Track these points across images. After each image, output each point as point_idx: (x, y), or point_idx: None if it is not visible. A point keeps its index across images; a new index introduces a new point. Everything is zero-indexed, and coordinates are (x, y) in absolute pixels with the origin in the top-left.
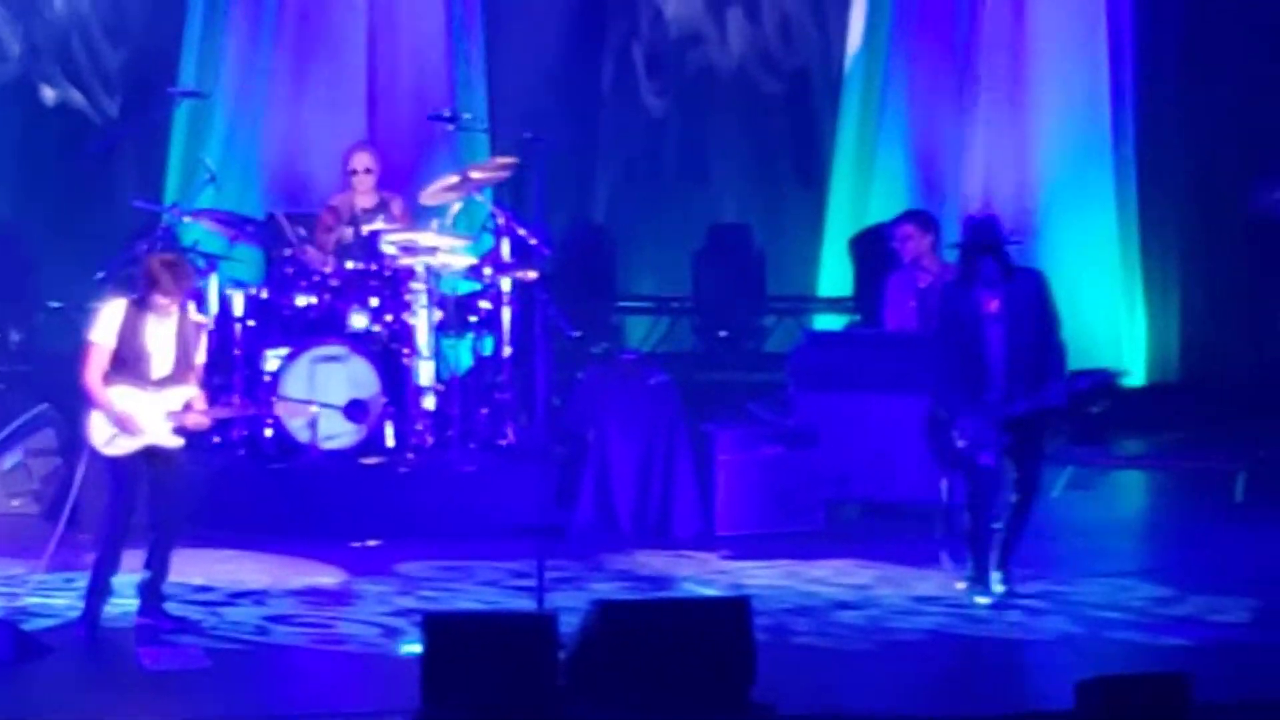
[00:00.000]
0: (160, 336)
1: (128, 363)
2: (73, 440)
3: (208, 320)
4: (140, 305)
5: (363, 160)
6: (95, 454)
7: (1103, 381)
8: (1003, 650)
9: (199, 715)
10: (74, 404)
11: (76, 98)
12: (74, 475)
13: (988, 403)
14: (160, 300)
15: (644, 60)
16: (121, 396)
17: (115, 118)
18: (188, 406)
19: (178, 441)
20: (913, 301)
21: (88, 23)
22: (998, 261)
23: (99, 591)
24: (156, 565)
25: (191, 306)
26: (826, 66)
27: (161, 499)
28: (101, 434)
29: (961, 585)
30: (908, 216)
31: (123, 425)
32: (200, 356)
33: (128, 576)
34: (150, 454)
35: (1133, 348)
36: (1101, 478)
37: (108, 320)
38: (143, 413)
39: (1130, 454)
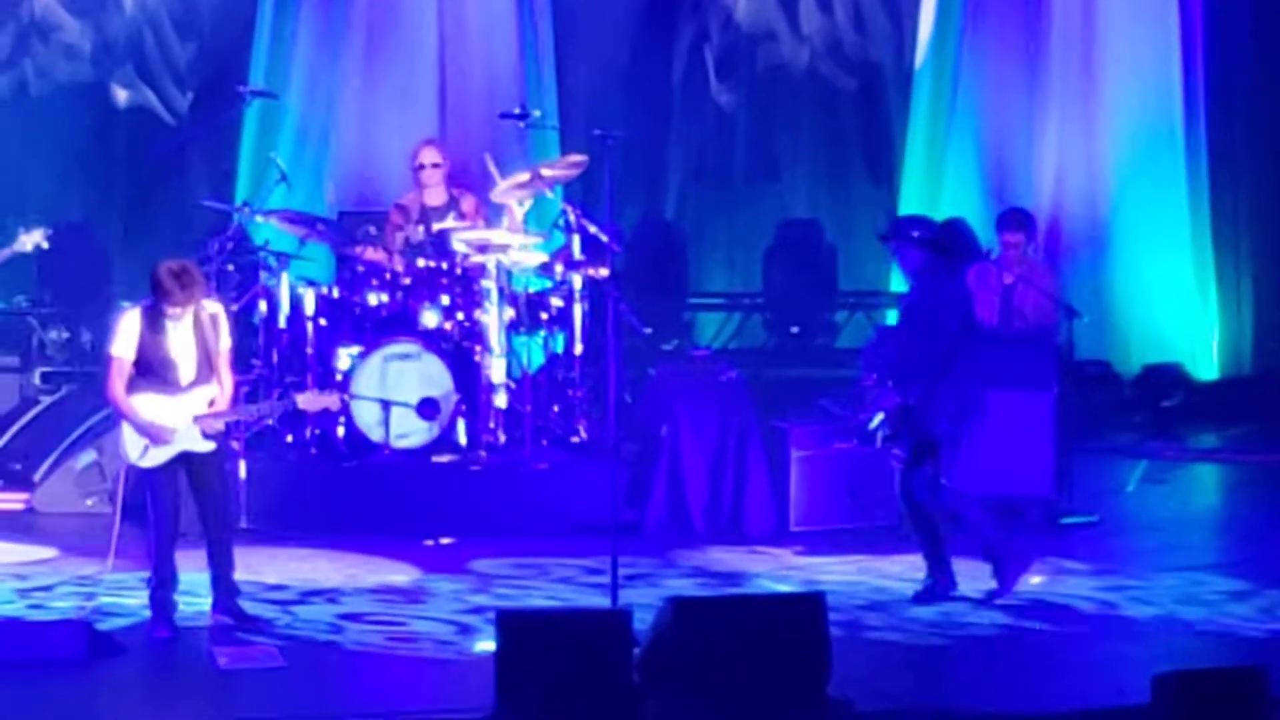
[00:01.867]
0: (180, 342)
1: (152, 371)
2: None
3: (221, 307)
4: (155, 313)
5: (429, 155)
6: (131, 469)
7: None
8: (1078, 645)
9: (273, 714)
10: None
11: (147, 98)
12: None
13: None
14: (172, 309)
15: (714, 56)
16: (147, 406)
17: (186, 117)
18: (210, 406)
19: (209, 445)
20: (995, 297)
21: (158, 21)
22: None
23: (162, 603)
24: (221, 565)
25: (205, 301)
26: (897, 61)
27: (206, 501)
28: (134, 448)
29: (1037, 580)
30: (1015, 223)
31: (152, 435)
32: (226, 341)
33: (200, 576)
34: (185, 460)
35: (1205, 340)
36: (1175, 471)
37: (125, 332)
38: (171, 420)
39: (1204, 447)
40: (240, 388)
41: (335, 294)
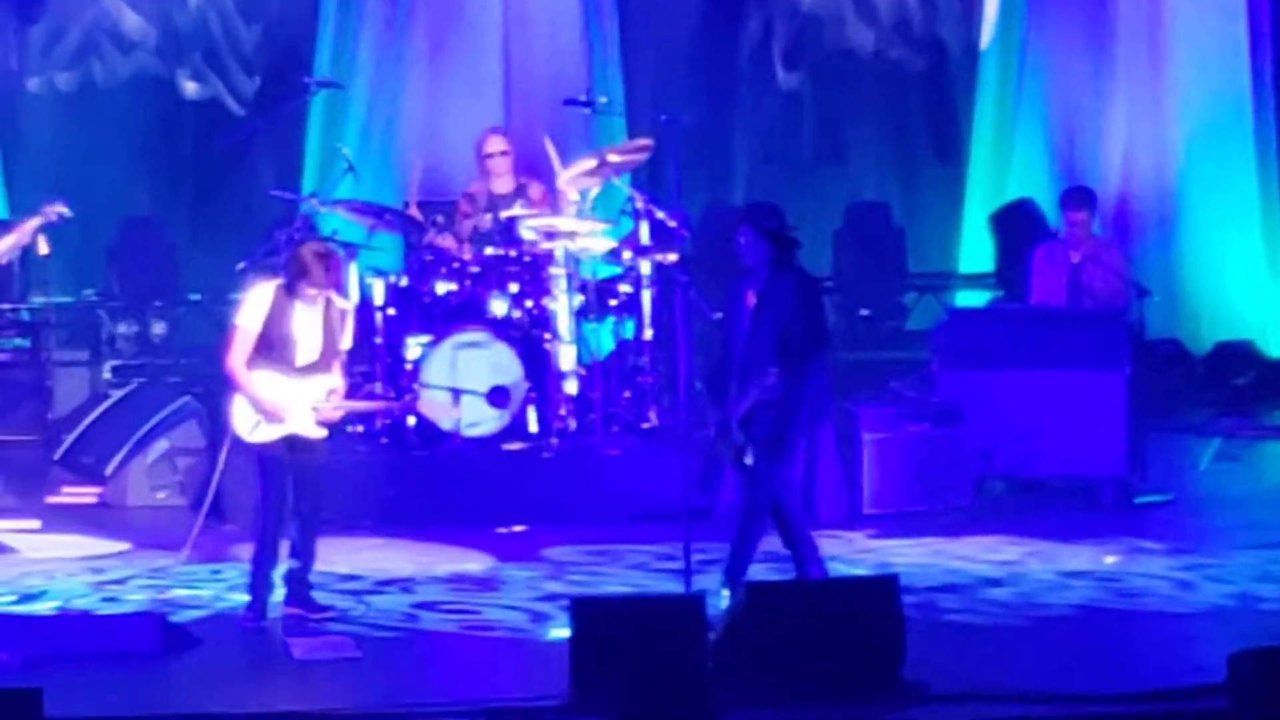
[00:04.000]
0: (307, 323)
1: (273, 348)
2: (216, 433)
3: (351, 306)
4: (288, 292)
5: (495, 144)
6: (238, 441)
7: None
8: (1153, 624)
9: (348, 704)
10: (217, 396)
11: (214, 88)
12: (216, 464)
13: (728, 398)
14: (309, 290)
15: (779, 39)
16: (265, 382)
17: (252, 106)
18: (330, 396)
19: (320, 432)
20: (1064, 276)
21: (223, 12)
22: (769, 255)
23: (264, 583)
24: (302, 555)
25: (333, 294)
26: (964, 42)
27: (303, 488)
28: (245, 421)
29: (1112, 560)
30: (1079, 200)
31: (265, 412)
32: (347, 342)
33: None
34: (291, 442)
35: (1276, 317)
36: (1249, 449)
37: (255, 305)
38: (286, 400)
39: (1277, 424)
40: None
41: (404, 283)
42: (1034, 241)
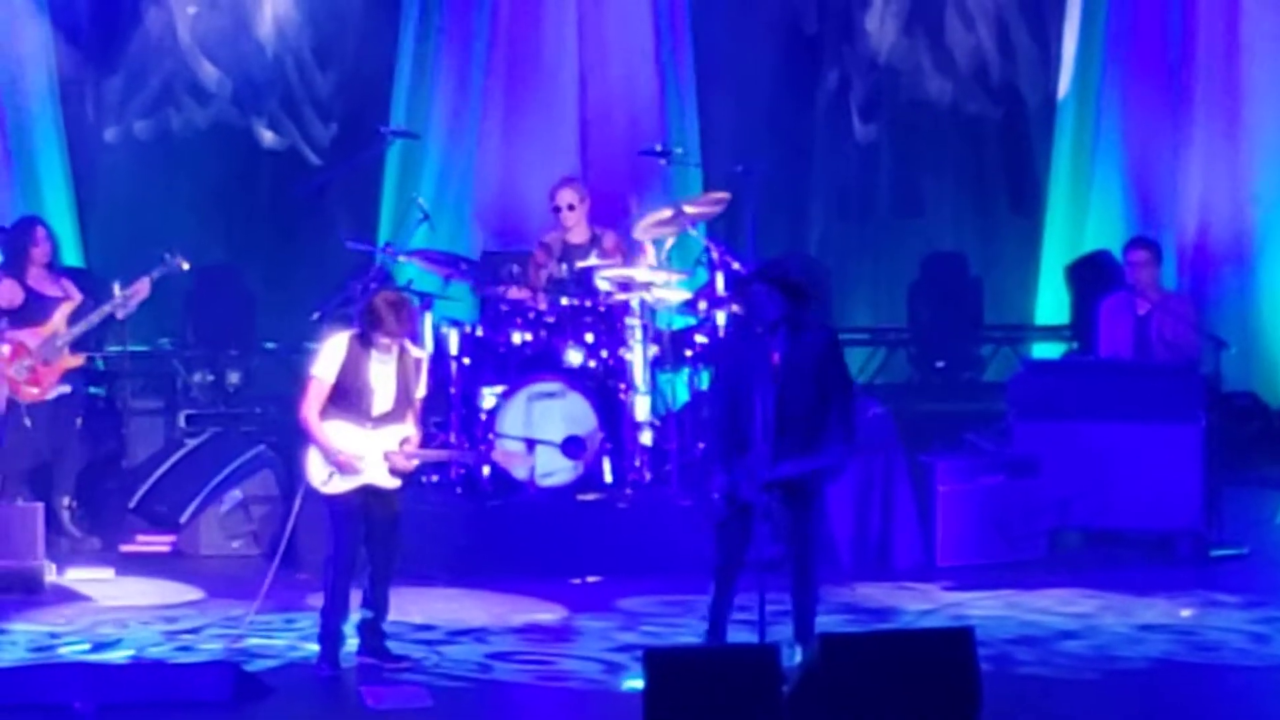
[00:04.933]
0: (382, 374)
1: (348, 398)
2: (290, 482)
3: (425, 354)
4: (363, 341)
5: (566, 197)
6: (312, 492)
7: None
8: (1229, 678)
9: None
10: (292, 445)
11: (290, 136)
12: (290, 513)
13: (750, 459)
14: (383, 340)
15: (856, 90)
16: (339, 433)
17: (328, 153)
18: (403, 445)
19: (395, 482)
20: (1129, 327)
21: (300, 61)
22: (789, 311)
23: (333, 635)
24: (375, 604)
25: (407, 342)
26: (1040, 93)
27: (377, 539)
28: (319, 472)
29: (1188, 613)
30: (1141, 242)
31: (339, 464)
32: (421, 390)
33: (350, 615)
34: (366, 493)
35: None
36: None
37: (330, 355)
38: (360, 451)
39: None
40: None
41: (479, 333)
42: (1109, 294)
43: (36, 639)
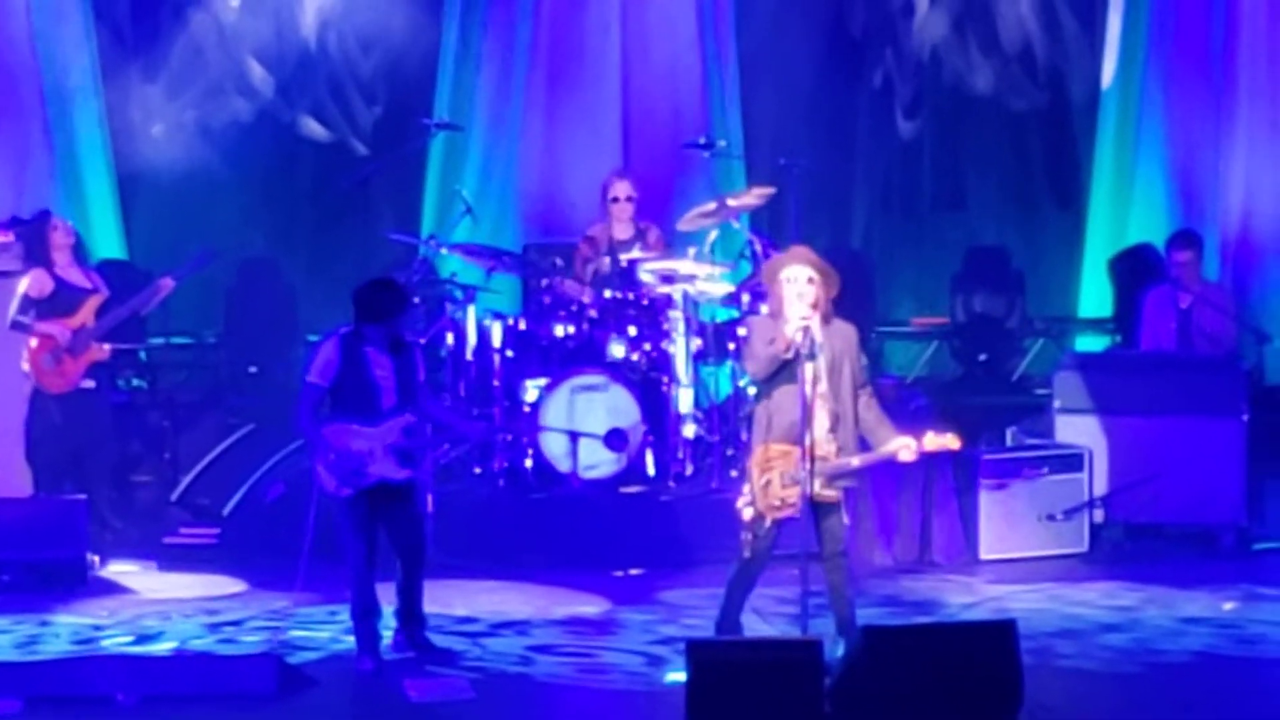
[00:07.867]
0: (382, 366)
1: (353, 398)
2: None
3: (419, 340)
4: (357, 338)
5: (623, 189)
6: (325, 496)
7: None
8: (1271, 671)
9: None
10: None
11: (333, 129)
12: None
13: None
14: (376, 328)
15: (898, 83)
16: (345, 435)
17: (371, 143)
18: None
19: (405, 473)
20: (1173, 321)
21: (345, 51)
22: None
23: (368, 633)
24: (410, 596)
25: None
26: (1083, 86)
27: (398, 531)
28: (329, 478)
29: (1230, 606)
30: (1184, 241)
31: (345, 468)
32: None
33: (388, 608)
34: (381, 491)
35: None
36: None
37: (324, 359)
38: (368, 449)
39: None
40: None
41: (522, 326)
42: (1152, 287)
43: (80, 631)
